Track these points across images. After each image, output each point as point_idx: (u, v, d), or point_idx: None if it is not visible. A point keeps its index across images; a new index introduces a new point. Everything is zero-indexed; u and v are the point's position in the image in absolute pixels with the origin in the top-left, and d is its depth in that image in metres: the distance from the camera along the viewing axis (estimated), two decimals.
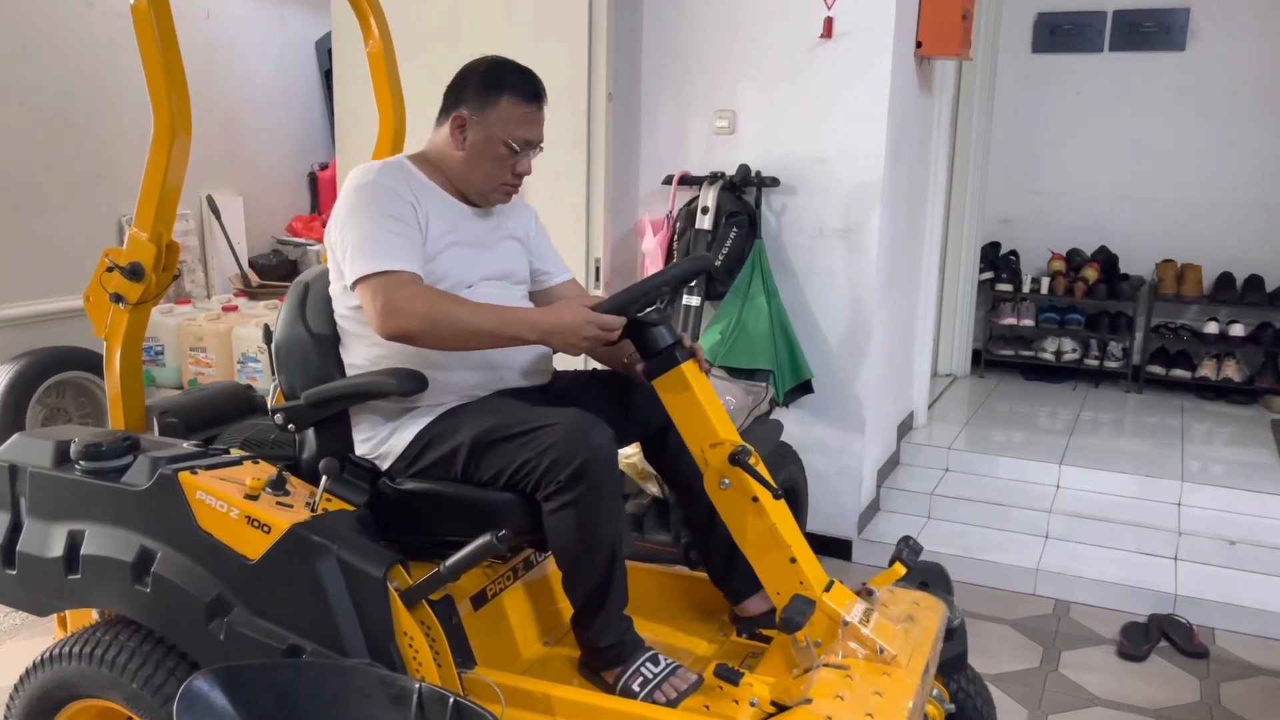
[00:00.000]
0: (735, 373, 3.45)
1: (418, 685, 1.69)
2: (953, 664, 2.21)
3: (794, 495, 3.51)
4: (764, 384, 3.38)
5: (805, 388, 3.68)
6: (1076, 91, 5.66)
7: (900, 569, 2.13)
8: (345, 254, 2.00)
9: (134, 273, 2.18)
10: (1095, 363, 5.57)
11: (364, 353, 2.10)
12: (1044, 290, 5.60)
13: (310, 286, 2.19)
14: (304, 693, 1.72)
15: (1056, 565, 3.68)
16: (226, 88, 5.58)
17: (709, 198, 3.66)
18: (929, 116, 4.22)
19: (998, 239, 5.88)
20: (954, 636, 2.22)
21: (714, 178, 3.71)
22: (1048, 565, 3.68)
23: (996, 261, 5.76)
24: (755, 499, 1.98)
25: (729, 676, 1.89)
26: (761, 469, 2.00)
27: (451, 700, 1.65)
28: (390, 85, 2.56)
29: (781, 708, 1.84)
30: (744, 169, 3.70)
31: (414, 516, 2.06)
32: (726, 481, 2.00)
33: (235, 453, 2.13)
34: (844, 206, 3.66)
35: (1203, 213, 5.50)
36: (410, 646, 1.85)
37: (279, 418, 2.09)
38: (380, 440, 2.07)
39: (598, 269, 3.81)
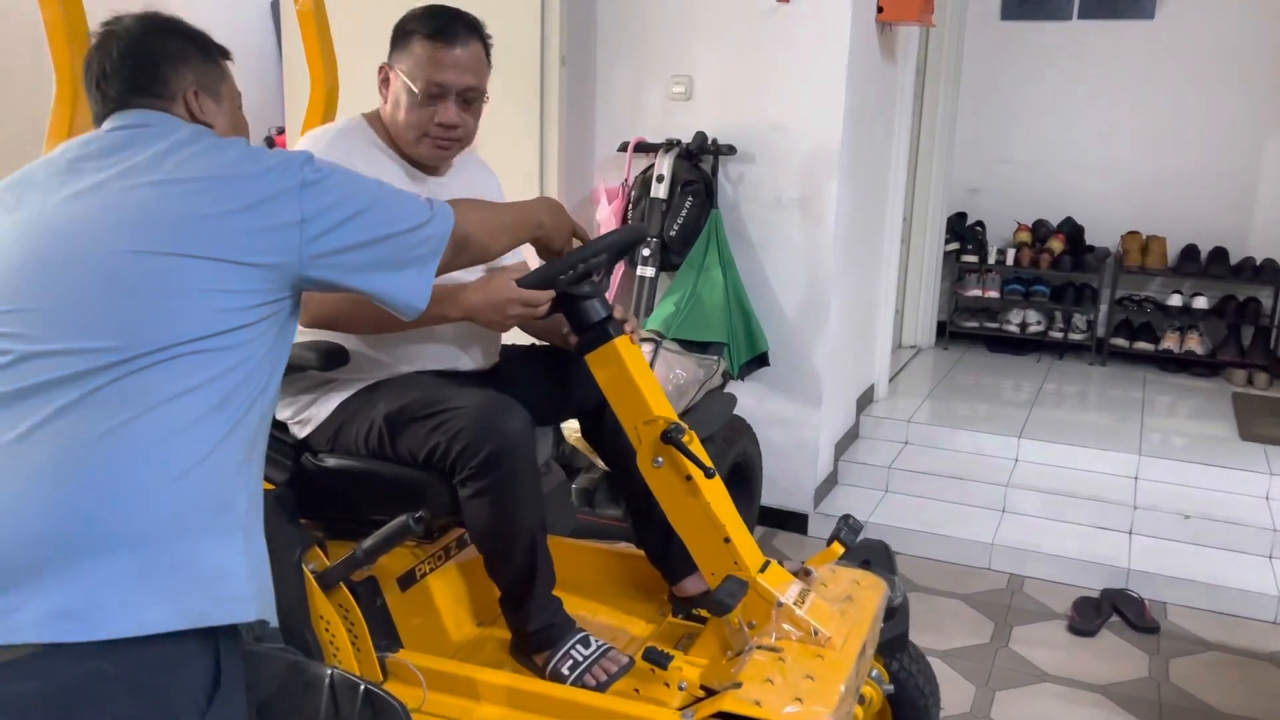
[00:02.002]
0: (689, 345, 3.38)
1: (329, 672, 1.63)
2: (893, 644, 2.17)
3: (748, 470, 3.47)
4: (716, 357, 3.32)
5: (761, 360, 3.63)
6: (1046, 60, 5.58)
7: (838, 549, 2.08)
8: None
9: None
10: (1060, 335, 5.54)
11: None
12: (1009, 262, 5.56)
13: None
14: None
15: (1012, 539, 3.65)
16: None
17: (664, 166, 3.58)
18: (891, 84, 4.14)
19: (964, 209, 5.83)
20: (895, 616, 2.18)
21: (669, 145, 3.63)
22: (1003, 539, 3.65)
23: (962, 232, 5.71)
24: (689, 478, 1.92)
25: (657, 660, 1.85)
26: (696, 447, 1.94)
27: (362, 688, 1.60)
28: (321, 45, 2.46)
29: (711, 691, 1.80)
30: (700, 136, 3.62)
31: (337, 495, 2.00)
32: (660, 460, 1.93)
33: None
34: (802, 175, 3.59)
35: (1169, 184, 5.46)
36: (327, 631, 1.79)
37: None
38: (302, 408, 2.00)
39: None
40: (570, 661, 1.93)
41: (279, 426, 2.02)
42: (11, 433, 1.27)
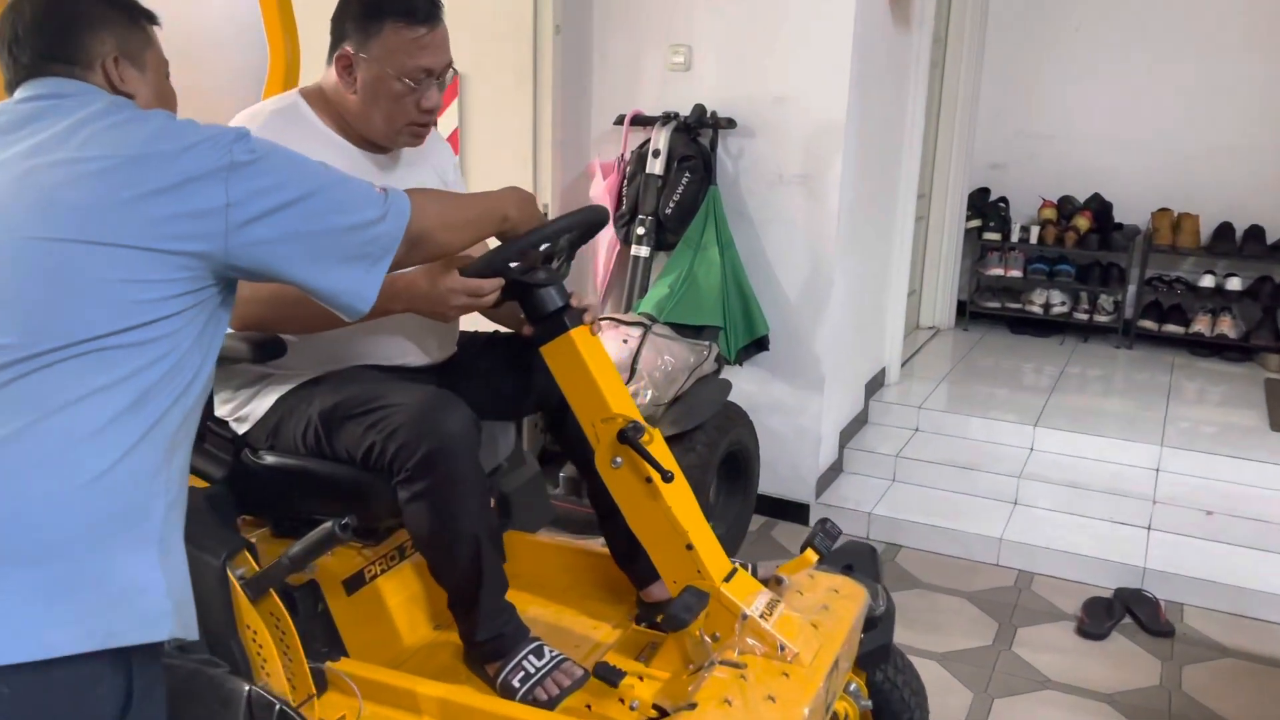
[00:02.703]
0: (683, 329, 3.24)
1: (246, 689, 1.53)
2: (874, 656, 2.03)
3: (743, 459, 3.33)
4: (708, 342, 3.17)
5: (760, 345, 3.48)
6: (1075, 27, 5.33)
7: (811, 556, 1.94)
8: None
9: None
10: (1085, 316, 5.32)
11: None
12: (1033, 240, 5.34)
13: None
14: None
15: (1022, 534, 3.49)
16: (173, 18, 5.26)
17: (661, 140, 3.42)
18: (904, 53, 3.94)
19: (986, 185, 5.60)
20: (877, 626, 2.04)
21: (667, 118, 3.47)
22: (1013, 534, 3.49)
23: (984, 209, 5.49)
24: (649, 480, 1.79)
25: (608, 677, 1.73)
26: (656, 447, 1.80)
27: (277, 708, 1.49)
28: (280, 12, 2.33)
29: (664, 712, 1.67)
30: (699, 109, 3.45)
31: (278, 492, 1.89)
32: (618, 460, 1.80)
33: None
34: (804, 151, 3.42)
35: (1203, 158, 5.19)
36: (254, 641, 1.68)
37: None
38: (240, 404, 1.88)
39: (546, 216, 3.58)
40: (522, 673, 1.82)
41: (218, 422, 1.91)
42: None
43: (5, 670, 1.13)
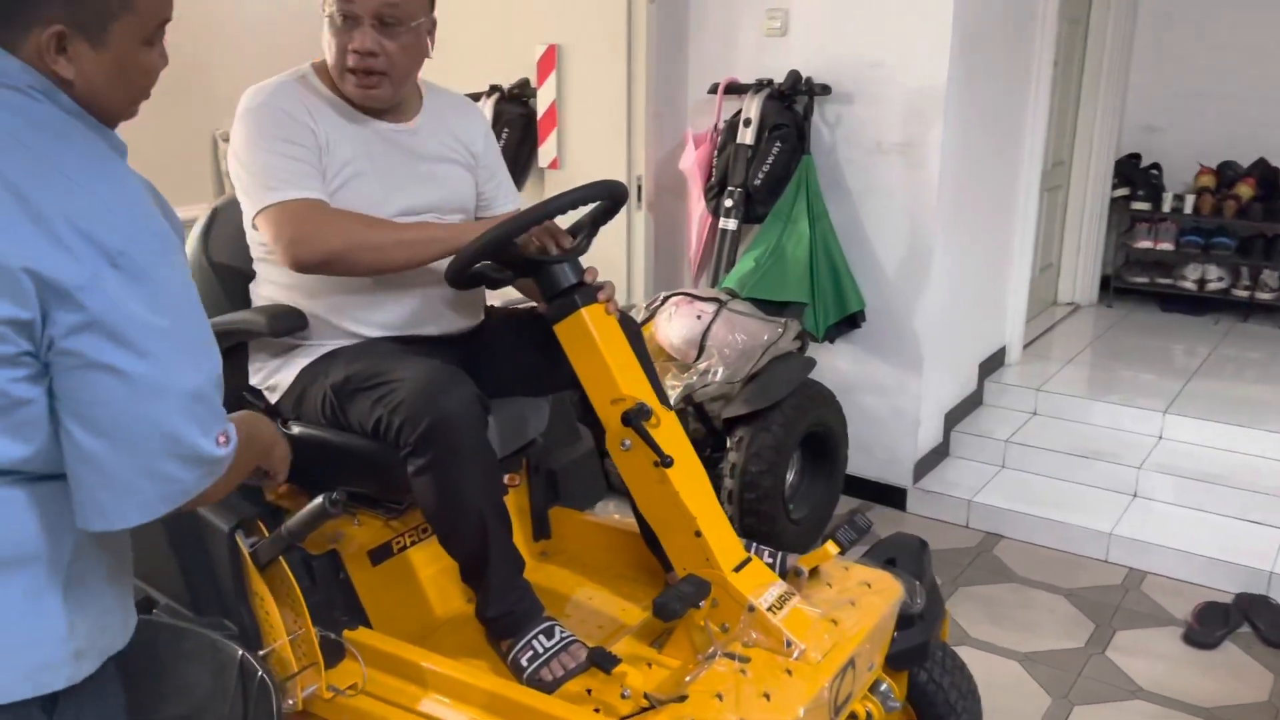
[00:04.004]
0: (766, 305, 3.14)
1: (239, 654, 1.58)
2: (908, 656, 1.92)
3: (827, 440, 3.21)
4: (784, 319, 3.05)
5: (851, 322, 3.34)
6: None
7: (831, 549, 1.85)
8: (244, 188, 1.85)
9: None
10: (1245, 293, 4.87)
11: (271, 292, 1.95)
12: (1187, 209, 4.91)
13: (218, 214, 2.07)
14: (138, 651, 1.65)
15: (1137, 530, 3.23)
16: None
17: (752, 109, 3.32)
18: (1029, 11, 3.67)
19: (1138, 150, 5.18)
20: (915, 624, 1.93)
21: (759, 86, 3.35)
22: (1126, 529, 3.23)
23: (1133, 176, 5.08)
24: (658, 464, 1.75)
25: (603, 663, 1.70)
26: (664, 431, 1.76)
27: (258, 675, 1.53)
28: None
29: (654, 702, 1.63)
30: (793, 75, 3.32)
31: (306, 462, 1.92)
32: (627, 443, 1.77)
33: None
34: (904, 118, 3.24)
35: None
36: (262, 608, 1.73)
37: None
38: (270, 373, 1.94)
39: (639, 188, 3.54)
40: (530, 653, 1.80)
41: (252, 392, 1.98)
42: None
43: None
